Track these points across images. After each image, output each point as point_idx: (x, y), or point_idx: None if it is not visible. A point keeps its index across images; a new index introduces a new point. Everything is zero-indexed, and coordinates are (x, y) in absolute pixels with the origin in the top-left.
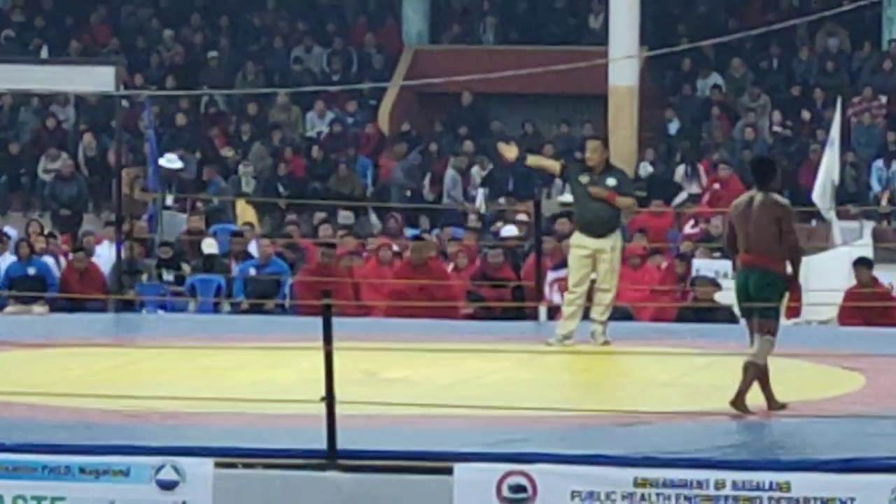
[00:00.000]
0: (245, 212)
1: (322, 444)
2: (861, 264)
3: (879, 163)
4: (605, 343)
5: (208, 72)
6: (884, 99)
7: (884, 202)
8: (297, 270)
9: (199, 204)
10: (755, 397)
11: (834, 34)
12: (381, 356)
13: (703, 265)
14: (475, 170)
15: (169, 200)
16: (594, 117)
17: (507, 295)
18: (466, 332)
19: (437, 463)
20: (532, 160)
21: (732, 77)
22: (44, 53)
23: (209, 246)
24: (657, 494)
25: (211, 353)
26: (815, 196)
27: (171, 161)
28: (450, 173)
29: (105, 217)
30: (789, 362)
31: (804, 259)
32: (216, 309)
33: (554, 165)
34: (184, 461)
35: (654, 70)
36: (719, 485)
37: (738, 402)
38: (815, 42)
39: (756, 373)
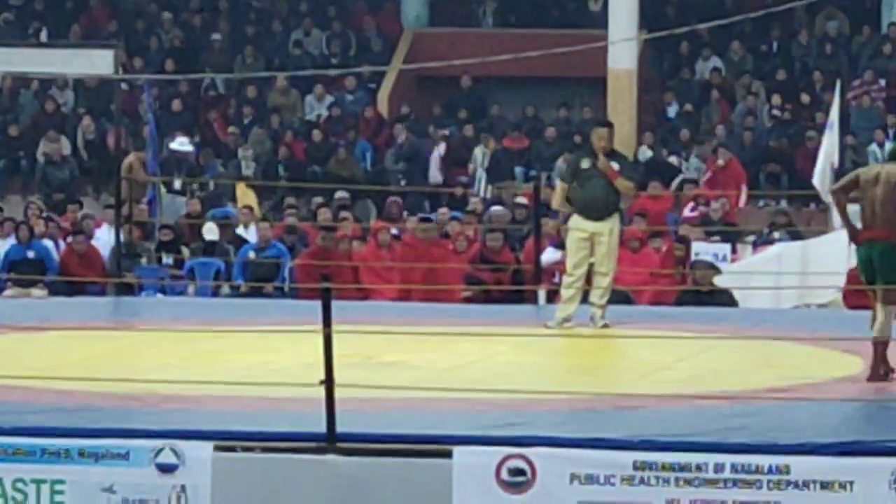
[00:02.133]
0: (245, 195)
1: (321, 428)
2: None
3: (873, 146)
4: (605, 326)
5: (208, 55)
6: (883, 82)
7: None
8: (297, 254)
9: (195, 187)
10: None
11: (833, 17)
12: (380, 339)
13: (703, 248)
14: (478, 151)
15: (177, 184)
16: (593, 101)
17: (507, 278)
18: (466, 316)
19: (436, 446)
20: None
21: (731, 60)
22: (43, 37)
23: (210, 232)
24: (656, 477)
25: (210, 336)
26: (815, 180)
27: (182, 144)
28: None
29: (104, 200)
30: (788, 346)
31: (802, 243)
32: (215, 292)
33: (560, 193)
34: (183, 444)
35: (654, 53)
36: (718, 468)
37: (874, 376)
38: (814, 25)
39: (886, 344)
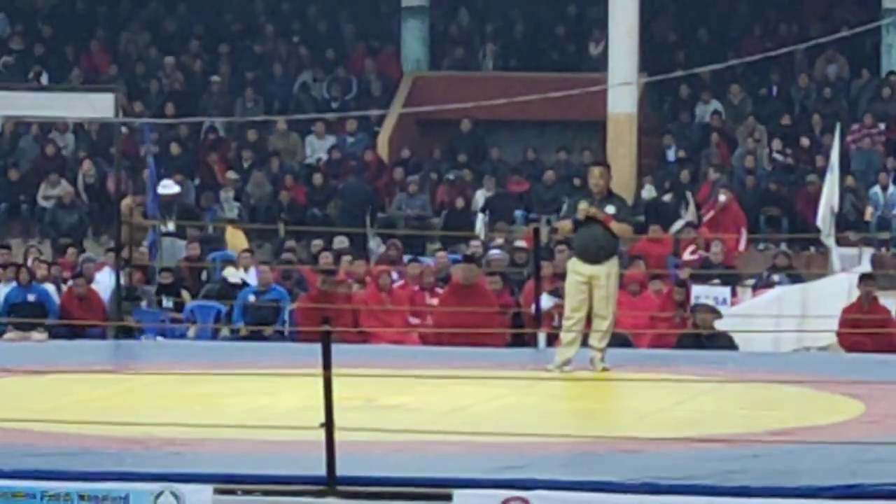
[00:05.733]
0: (234, 237)
1: (321, 471)
2: (867, 279)
3: (876, 188)
4: (604, 370)
5: (208, 98)
6: (883, 126)
7: (867, 217)
8: (296, 297)
9: (193, 231)
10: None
11: (833, 61)
12: (380, 382)
13: (703, 292)
14: (478, 194)
15: (171, 226)
16: (593, 144)
17: (506, 321)
18: (465, 359)
19: (436, 489)
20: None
21: (731, 104)
22: (44, 80)
23: (232, 274)
24: None
25: (210, 379)
26: (819, 222)
27: (167, 187)
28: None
29: (105, 243)
30: (789, 389)
31: (802, 286)
32: (215, 335)
33: (566, 225)
34: (183, 488)
35: (653, 97)
36: None
37: None
38: (813, 69)
39: None
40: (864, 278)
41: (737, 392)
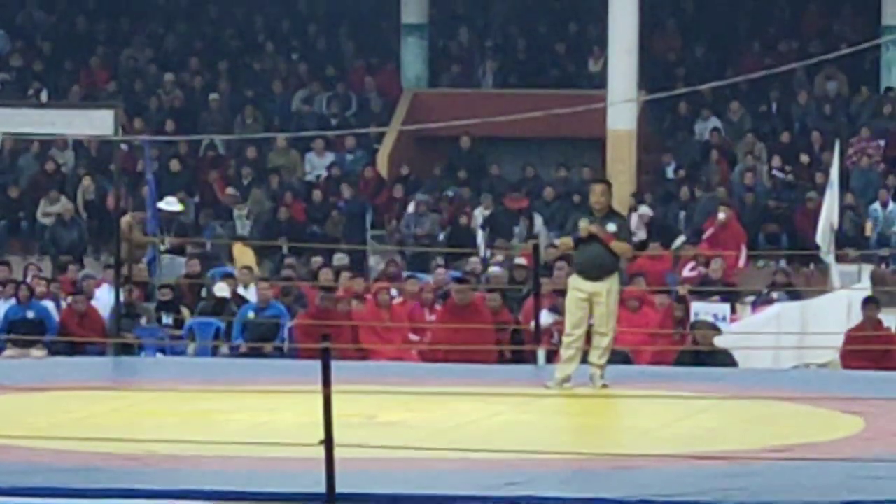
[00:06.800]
0: (243, 255)
1: (321, 488)
2: (870, 303)
3: (876, 205)
4: (604, 386)
5: (207, 115)
6: (882, 142)
7: (867, 233)
8: (296, 314)
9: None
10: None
11: (832, 78)
12: (379, 399)
13: (702, 308)
14: (478, 211)
15: (168, 243)
16: (593, 161)
17: (506, 338)
18: (465, 376)
19: None
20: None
21: (731, 121)
22: (43, 97)
23: (221, 290)
24: None
25: (209, 396)
26: (818, 239)
27: (170, 204)
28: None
29: (104, 260)
30: (788, 406)
31: (801, 303)
32: (215, 352)
33: (567, 242)
34: None
35: (653, 114)
36: None
37: None
38: (813, 86)
39: None
40: (867, 302)
41: (736, 409)
